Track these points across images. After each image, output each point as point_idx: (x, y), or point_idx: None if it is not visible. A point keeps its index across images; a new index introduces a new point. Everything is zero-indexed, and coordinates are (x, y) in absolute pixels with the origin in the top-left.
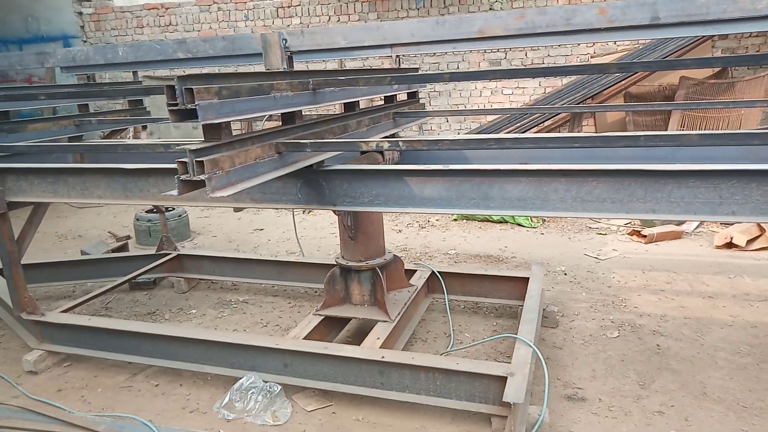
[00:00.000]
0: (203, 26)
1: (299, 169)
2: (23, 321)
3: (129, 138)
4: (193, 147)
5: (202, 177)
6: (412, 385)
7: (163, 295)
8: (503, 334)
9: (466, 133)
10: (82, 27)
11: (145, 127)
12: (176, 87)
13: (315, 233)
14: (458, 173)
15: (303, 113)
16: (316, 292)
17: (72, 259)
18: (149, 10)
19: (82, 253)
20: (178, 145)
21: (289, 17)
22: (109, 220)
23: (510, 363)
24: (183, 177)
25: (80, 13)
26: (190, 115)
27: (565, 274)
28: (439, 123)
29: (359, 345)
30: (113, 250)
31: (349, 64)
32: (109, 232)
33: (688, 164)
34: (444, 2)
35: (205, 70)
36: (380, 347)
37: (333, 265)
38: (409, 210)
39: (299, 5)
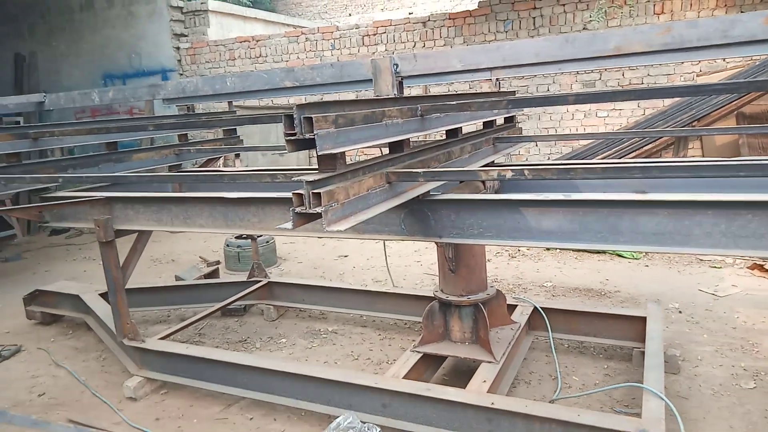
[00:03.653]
0: (291, 57)
1: None
2: (124, 347)
3: (220, 166)
4: (310, 178)
5: (318, 210)
6: None
7: (253, 323)
8: (626, 383)
9: (557, 159)
10: (179, 61)
11: (237, 155)
12: (295, 116)
13: (399, 261)
14: (582, 204)
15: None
16: (405, 324)
17: (168, 284)
18: (241, 42)
19: (177, 278)
20: (284, 174)
21: (375, 45)
22: (200, 245)
23: (637, 416)
24: (299, 209)
25: (178, 48)
26: (306, 144)
27: (680, 312)
28: (528, 148)
29: (457, 384)
30: (205, 276)
31: (433, 90)
32: (200, 257)
33: None
34: (534, 24)
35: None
36: (487, 391)
37: (424, 297)
38: (525, 243)
39: (384, 33)
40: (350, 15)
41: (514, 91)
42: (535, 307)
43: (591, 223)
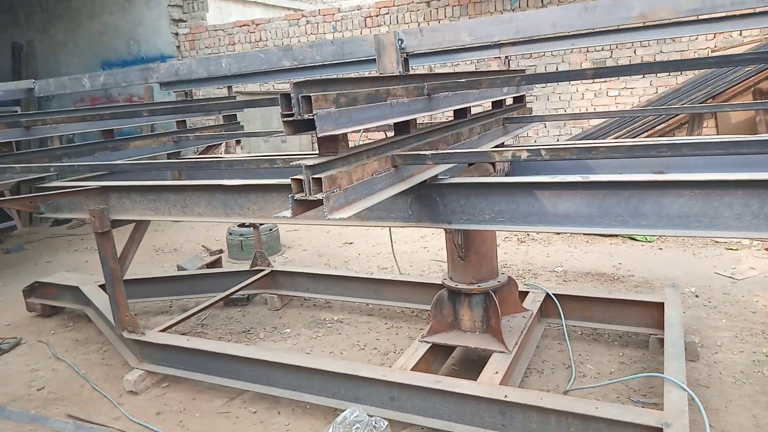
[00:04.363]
0: (292, 40)
1: None
2: (124, 339)
3: (221, 153)
4: (310, 162)
5: (319, 196)
6: (540, 430)
7: (257, 312)
8: (643, 370)
9: (567, 139)
10: (178, 47)
11: (238, 142)
12: (292, 95)
13: (406, 247)
14: (601, 185)
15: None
16: (413, 312)
17: (169, 275)
18: (240, 27)
19: (179, 267)
20: (283, 159)
21: (377, 26)
22: (203, 234)
23: (656, 406)
24: (298, 196)
25: (176, 34)
26: (305, 126)
27: (697, 296)
28: (536, 129)
29: (467, 375)
30: (207, 265)
31: (438, 71)
32: (202, 246)
33: None
34: (542, 2)
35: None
36: (500, 383)
37: (432, 285)
38: (540, 229)
39: (387, 14)
40: None
41: (524, 70)
42: (548, 294)
43: (611, 206)
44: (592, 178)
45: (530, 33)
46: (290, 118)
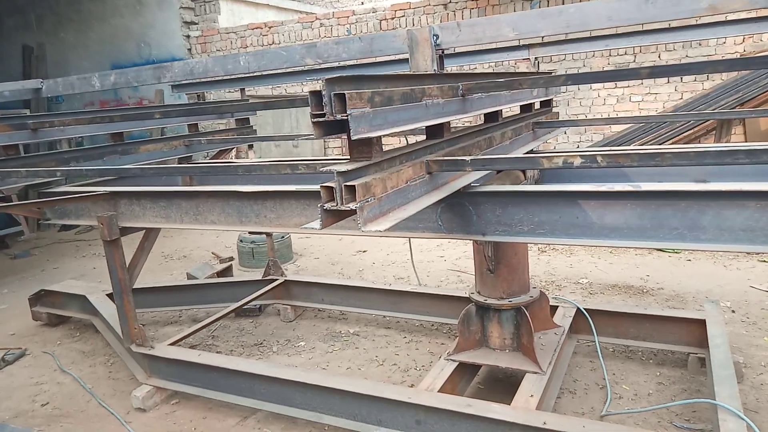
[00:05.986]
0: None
1: None
2: (132, 352)
3: (232, 158)
4: (342, 168)
5: (352, 206)
6: None
7: (269, 324)
8: (684, 392)
9: (588, 146)
10: (189, 50)
11: (251, 146)
12: (324, 92)
13: (422, 256)
14: (654, 195)
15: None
16: (432, 325)
17: (179, 284)
18: (253, 29)
19: (188, 276)
20: (306, 165)
21: (393, 29)
22: (212, 241)
23: None
24: (328, 206)
25: (188, 36)
26: (337, 127)
27: (733, 311)
28: (556, 135)
29: (495, 395)
30: (218, 273)
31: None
32: (212, 253)
33: None
34: (563, 4)
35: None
36: (536, 407)
37: (453, 297)
38: (584, 242)
39: (403, 16)
40: (362, 3)
41: (550, 72)
42: (578, 309)
43: (666, 219)
44: (644, 187)
45: (582, 27)
46: (321, 119)
